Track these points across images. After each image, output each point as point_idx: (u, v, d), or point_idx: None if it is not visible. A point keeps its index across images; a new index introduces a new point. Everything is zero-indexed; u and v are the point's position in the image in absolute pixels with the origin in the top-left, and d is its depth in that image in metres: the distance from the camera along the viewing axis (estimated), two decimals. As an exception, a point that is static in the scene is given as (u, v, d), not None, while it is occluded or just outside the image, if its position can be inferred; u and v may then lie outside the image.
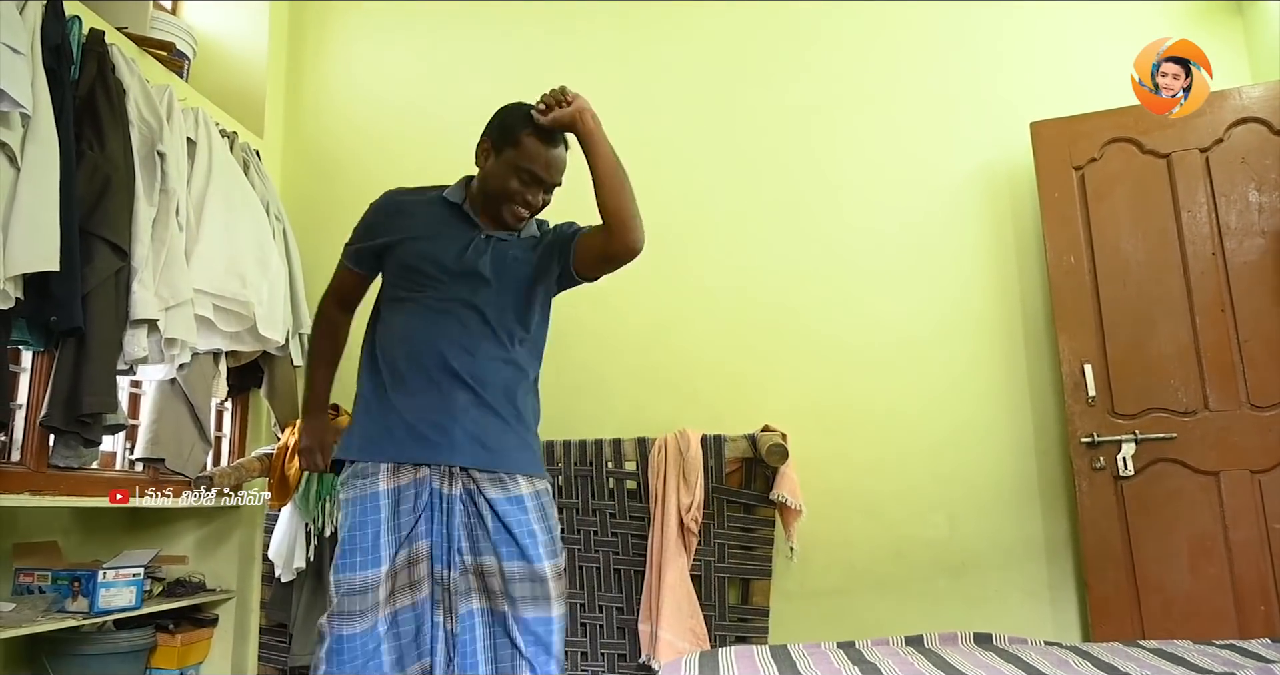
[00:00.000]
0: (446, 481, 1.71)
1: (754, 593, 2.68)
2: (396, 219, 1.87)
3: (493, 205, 1.83)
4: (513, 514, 1.72)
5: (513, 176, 1.79)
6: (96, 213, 2.22)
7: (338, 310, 2.00)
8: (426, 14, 3.49)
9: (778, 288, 3.02)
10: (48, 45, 2.17)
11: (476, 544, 1.70)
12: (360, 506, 1.70)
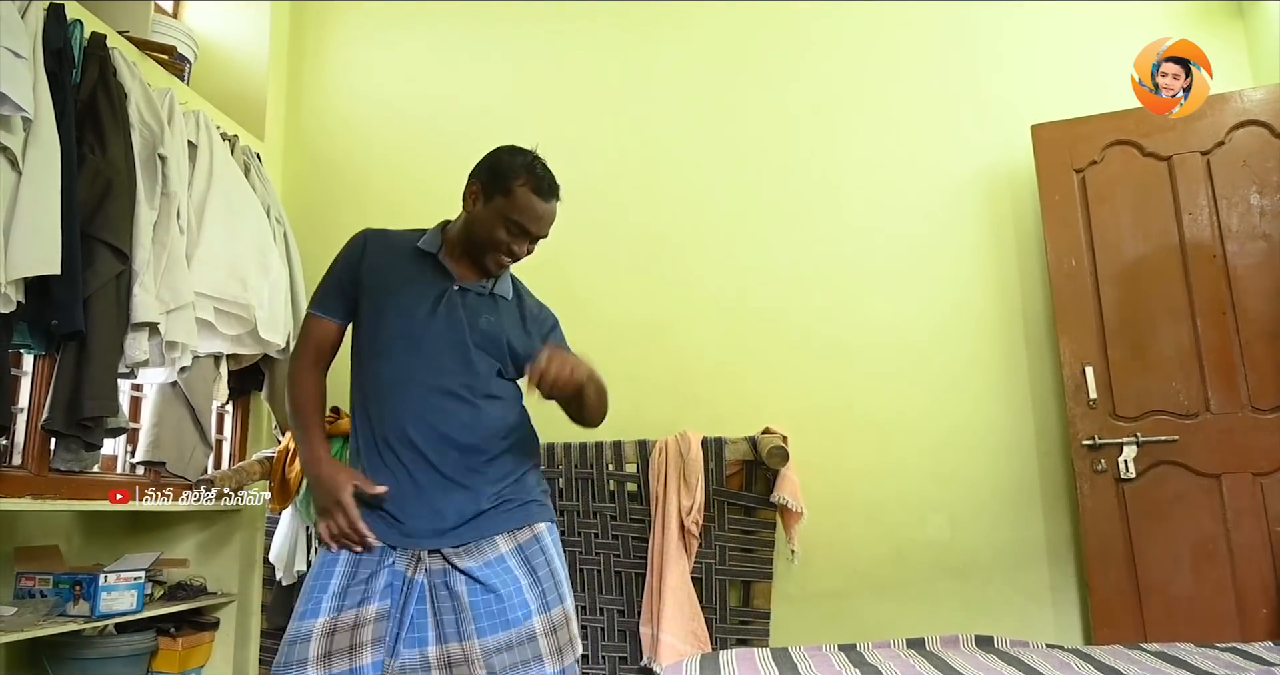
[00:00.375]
0: (411, 564, 1.63)
1: (755, 595, 2.67)
2: (371, 262, 1.77)
3: (475, 251, 1.75)
4: (492, 576, 1.64)
5: (500, 226, 1.71)
6: (98, 216, 2.22)
7: (315, 371, 1.79)
8: (427, 17, 3.50)
9: (778, 290, 3.02)
10: (49, 49, 2.18)
11: (445, 630, 1.60)
12: (320, 560, 1.65)
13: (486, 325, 1.77)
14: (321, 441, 1.73)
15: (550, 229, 1.77)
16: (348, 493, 1.63)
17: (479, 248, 1.75)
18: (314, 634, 1.56)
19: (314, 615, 1.57)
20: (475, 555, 1.66)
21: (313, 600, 1.59)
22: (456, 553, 1.65)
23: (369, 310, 1.75)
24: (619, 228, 3.16)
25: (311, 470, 1.69)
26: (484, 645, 1.59)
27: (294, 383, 1.79)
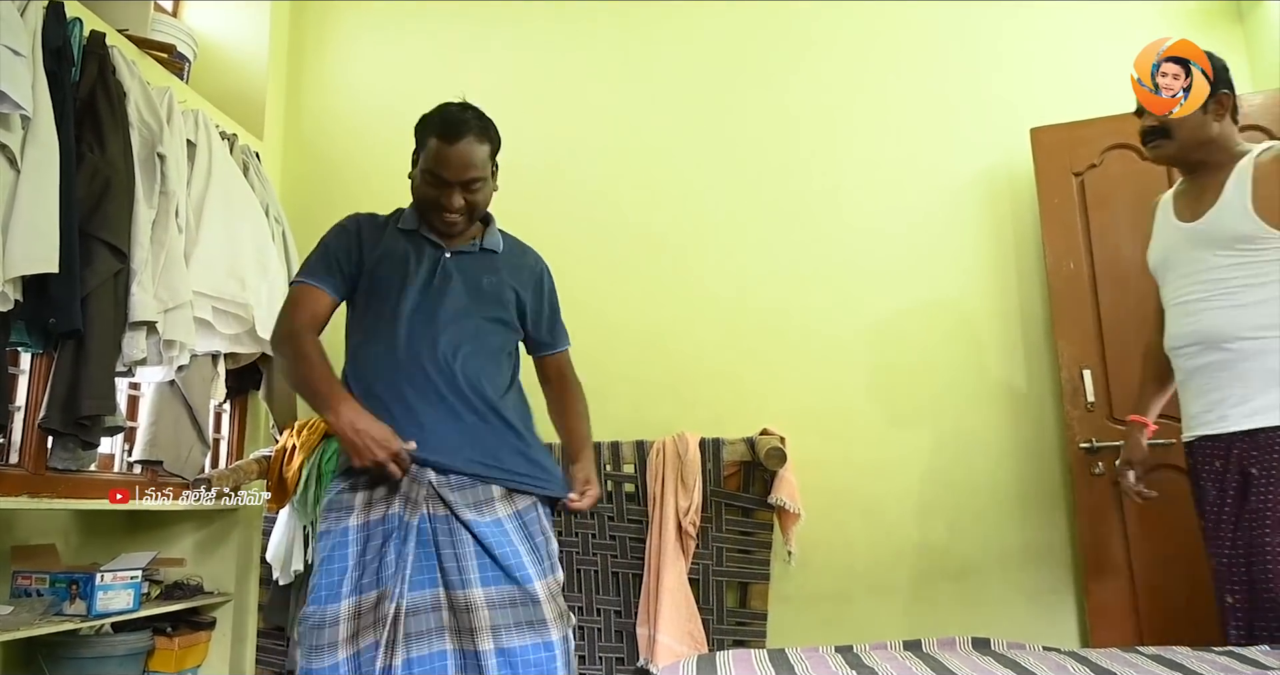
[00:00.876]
0: (412, 510, 1.64)
1: (752, 596, 2.68)
2: (370, 242, 1.81)
3: (424, 216, 1.80)
4: (492, 535, 1.66)
5: (425, 183, 1.76)
6: (96, 215, 2.22)
7: (313, 333, 1.75)
8: (427, 17, 3.50)
9: (777, 291, 3.02)
10: (48, 47, 2.18)
11: (449, 575, 1.61)
12: (331, 540, 1.64)
13: (489, 286, 1.82)
14: (348, 397, 1.66)
15: (469, 170, 1.74)
16: (398, 441, 1.61)
17: (423, 212, 1.81)
18: (340, 618, 1.58)
19: (336, 600, 1.58)
20: (478, 509, 1.68)
21: (333, 584, 1.60)
22: (462, 502, 1.66)
23: (376, 287, 1.77)
24: (618, 228, 3.16)
25: (354, 424, 1.60)
26: (486, 594, 1.61)
27: (297, 342, 1.71)
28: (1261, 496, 1.74)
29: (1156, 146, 1.97)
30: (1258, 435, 1.78)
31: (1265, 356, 1.78)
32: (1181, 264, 1.95)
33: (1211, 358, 1.86)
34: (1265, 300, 1.79)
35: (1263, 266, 1.80)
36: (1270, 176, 1.80)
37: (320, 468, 2.76)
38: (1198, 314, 1.90)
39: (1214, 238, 1.86)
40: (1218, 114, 1.92)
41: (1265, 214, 1.79)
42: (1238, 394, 1.81)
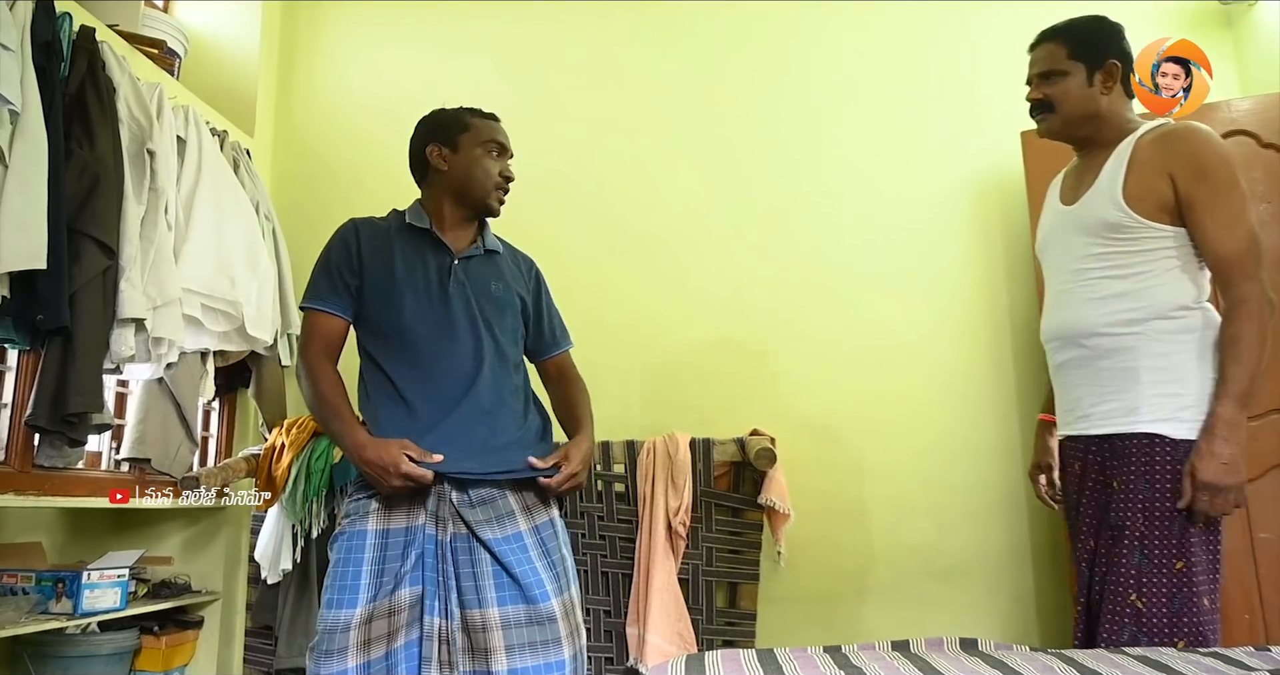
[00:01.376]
0: (441, 527, 1.65)
1: (741, 596, 2.68)
2: (370, 250, 1.79)
3: (475, 200, 1.83)
4: (510, 553, 1.66)
5: (485, 156, 1.82)
6: (85, 211, 2.20)
7: (330, 362, 1.78)
8: (420, 14, 3.49)
9: (767, 293, 3.02)
10: (37, 42, 2.16)
11: (465, 595, 1.62)
12: (347, 544, 1.64)
13: (498, 292, 1.84)
14: (357, 426, 1.70)
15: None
16: (406, 463, 1.61)
17: (478, 193, 1.83)
18: (353, 623, 1.58)
19: (351, 605, 1.58)
20: (498, 525, 1.68)
21: (347, 589, 1.60)
22: (482, 519, 1.67)
23: (382, 297, 1.76)
24: (611, 229, 3.16)
25: (361, 456, 1.64)
26: (502, 614, 1.62)
27: (313, 376, 1.75)
28: (1120, 512, 1.63)
29: (1041, 120, 1.84)
30: (1114, 442, 1.67)
31: (1122, 355, 1.66)
32: (1056, 250, 1.84)
33: (1071, 354, 1.76)
34: (1126, 294, 1.67)
35: (1129, 257, 1.67)
36: (1146, 161, 1.66)
37: (309, 466, 2.75)
38: (1061, 306, 1.79)
39: (1084, 224, 1.73)
40: (1105, 85, 1.76)
41: (1133, 202, 1.65)
42: (1094, 394, 1.71)
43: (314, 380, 1.75)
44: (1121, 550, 1.60)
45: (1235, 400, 1.57)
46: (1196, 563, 1.57)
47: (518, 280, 1.92)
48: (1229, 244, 1.61)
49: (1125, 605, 1.57)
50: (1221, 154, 1.65)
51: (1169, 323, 1.64)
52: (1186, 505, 1.55)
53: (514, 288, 1.88)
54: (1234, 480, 1.54)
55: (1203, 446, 1.56)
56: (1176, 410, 1.61)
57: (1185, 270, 1.66)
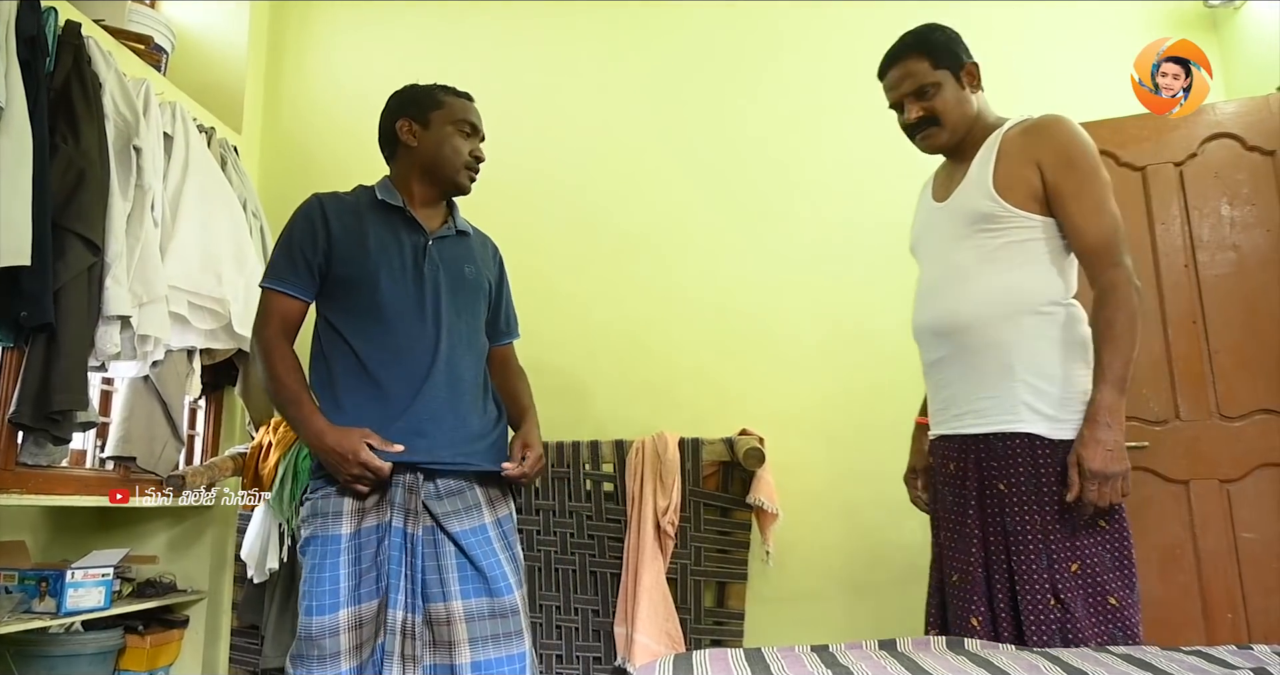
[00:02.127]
0: (410, 520, 1.64)
1: (729, 596, 2.68)
2: (339, 228, 1.75)
3: (444, 177, 1.81)
4: (476, 546, 1.67)
5: (455, 135, 1.80)
6: (70, 207, 2.19)
7: (287, 343, 1.75)
8: (408, 12, 3.48)
9: (757, 292, 3.03)
10: (22, 37, 2.15)
11: (429, 588, 1.62)
12: (322, 549, 1.62)
13: (470, 275, 1.83)
14: (316, 413, 1.67)
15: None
16: (367, 451, 1.61)
17: (447, 171, 1.81)
18: (340, 628, 1.57)
19: (334, 609, 1.57)
20: (464, 516, 1.69)
21: (328, 594, 1.58)
22: (449, 511, 1.67)
23: (353, 275, 1.73)
24: (598, 229, 3.16)
25: (320, 443, 1.62)
26: (465, 607, 1.62)
27: (271, 359, 1.71)
28: (1015, 518, 1.58)
29: (928, 137, 1.79)
30: (993, 442, 1.62)
31: (996, 350, 1.63)
32: (930, 246, 1.82)
33: (944, 351, 1.72)
34: (999, 287, 1.64)
35: (1001, 249, 1.65)
36: (1014, 152, 1.67)
37: (296, 465, 2.74)
38: (933, 300, 1.76)
39: (957, 217, 1.72)
40: (972, 86, 1.79)
41: (1004, 192, 1.64)
42: (970, 392, 1.67)
43: (271, 362, 1.70)
44: (1028, 556, 1.56)
45: (1114, 386, 1.54)
46: (1096, 563, 1.55)
47: (486, 264, 1.91)
48: (1096, 231, 1.62)
49: (1048, 611, 1.54)
50: (1086, 144, 1.66)
51: (1041, 318, 1.63)
52: (1075, 497, 1.52)
53: (483, 272, 1.87)
54: (1120, 467, 1.51)
55: (1086, 434, 1.53)
56: (1053, 409, 1.59)
57: (1055, 263, 1.65)
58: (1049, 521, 1.56)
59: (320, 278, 1.75)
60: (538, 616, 2.72)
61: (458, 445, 1.71)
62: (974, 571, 1.63)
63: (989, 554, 1.62)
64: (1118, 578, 1.56)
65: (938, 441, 1.78)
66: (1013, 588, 1.58)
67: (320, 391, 1.73)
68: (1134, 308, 1.58)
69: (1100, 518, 1.57)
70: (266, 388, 1.74)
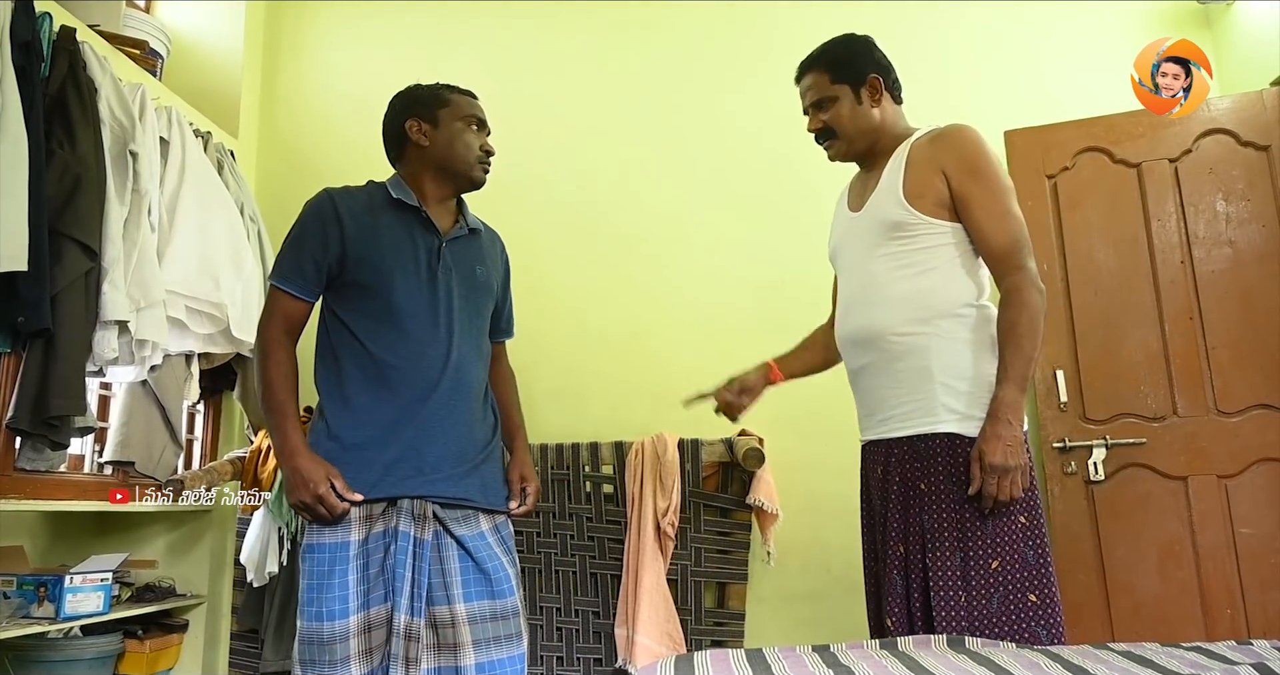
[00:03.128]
0: (419, 525, 1.64)
1: (730, 597, 2.68)
2: (352, 227, 1.72)
3: (458, 173, 1.80)
4: (481, 548, 1.68)
5: (465, 130, 1.80)
6: (66, 212, 2.19)
7: (288, 344, 1.74)
8: (403, 15, 3.48)
9: (755, 292, 3.03)
10: (17, 42, 2.15)
11: (433, 590, 1.63)
12: (330, 554, 1.62)
13: (482, 276, 1.83)
14: (297, 429, 1.67)
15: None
16: (326, 487, 1.60)
17: (461, 167, 1.80)
18: (350, 632, 1.58)
19: (344, 615, 1.58)
20: (465, 524, 1.70)
21: (337, 598, 1.59)
22: (451, 518, 1.68)
23: (367, 274, 1.71)
24: (596, 229, 3.16)
25: (289, 460, 1.63)
26: (468, 610, 1.63)
27: (269, 362, 1.70)
28: (933, 515, 1.61)
29: (828, 147, 1.89)
30: (915, 443, 1.66)
31: (915, 355, 1.67)
32: (847, 256, 1.86)
33: (867, 359, 1.76)
34: (915, 293, 1.69)
35: (913, 256, 1.70)
36: (921, 161, 1.71)
37: (295, 469, 2.73)
38: (853, 310, 1.81)
39: (871, 226, 1.76)
40: (874, 100, 1.82)
41: (913, 199, 1.69)
42: (893, 397, 1.71)
43: (267, 366, 1.70)
44: (942, 553, 1.59)
45: (1015, 384, 1.58)
46: (1016, 559, 1.58)
47: (495, 263, 1.91)
48: (1000, 236, 1.66)
49: (957, 607, 1.57)
50: (989, 152, 1.71)
51: (955, 321, 1.67)
52: (976, 490, 1.56)
53: (492, 272, 1.88)
54: (1017, 461, 1.55)
55: (987, 430, 1.57)
56: (972, 408, 1.62)
57: (965, 267, 1.70)
58: (967, 519, 1.60)
59: (330, 277, 1.74)
60: (538, 619, 2.72)
61: (466, 477, 1.71)
62: (893, 575, 1.67)
63: (908, 554, 1.65)
64: (1038, 574, 1.58)
65: (866, 447, 1.83)
66: (928, 587, 1.60)
67: (329, 388, 1.73)
68: (1035, 309, 1.62)
69: (1019, 514, 1.60)
70: (257, 387, 1.74)
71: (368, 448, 1.66)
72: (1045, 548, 1.61)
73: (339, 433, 1.68)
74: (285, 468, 1.64)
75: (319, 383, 1.74)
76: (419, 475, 1.66)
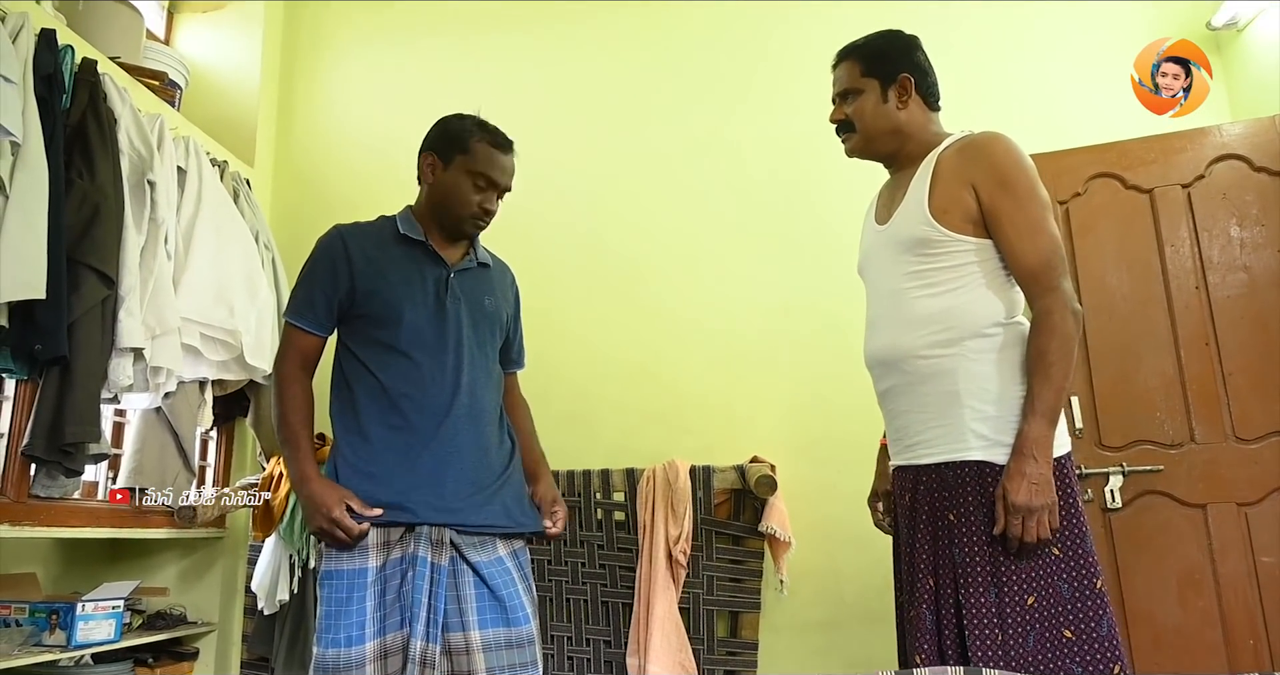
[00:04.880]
0: (436, 551, 1.65)
1: (743, 626, 2.65)
2: (361, 261, 1.75)
3: (450, 220, 1.79)
4: (497, 575, 1.68)
5: (468, 185, 1.77)
6: (84, 241, 2.21)
7: (303, 378, 1.77)
8: (418, 46, 3.54)
9: (766, 318, 3.02)
10: (40, 74, 2.19)
11: (449, 618, 1.62)
12: (348, 581, 1.62)
13: (490, 307, 1.84)
14: (310, 458, 1.69)
15: (512, 179, 1.84)
16: (340, 509, 1.61)
17: (453, 215, 1.79)
18: (366, 659, 1.57)
19: (361, 641, 1.58)
20: (481, 550, 1.70)
21: (355, 624, 1.59)
22: (468, 544, 1.68)
23: (376, 308, 1.74)
24: (606, 256, 3.17)
25: (302, 490, 1.66)
26: (483, 637, 1.62)
27: (284, 396, 1.74)
28: (965, 549, 1.52)
29: (845, 141, 1.80)
30: (943, 471, 1.57)
31: (941, 378, 1.58)
32: (874, 272, 1.77)
33: (894, 380, 1.68)
34: (940, 313, 1.59)
35: (939, 274, 1.60)
36: (949, 173, 1.61)
37: (307, 495, 2.73)
38: (879, 331, 1.72)
39: (897, 242, 1.67)
40: (901, 100, 1.72)
41: (940, 215, 1.59)
42: (919, 422, 1.62)
43: (282, 399, 1.74)
44: (976, 589, 1.50)
45: (1043, 417, 1.49)
46: (1052, 594, 1.49)
47: (505, 295, 1.92)
48: (1031, 254, 1.56)
49: (994, 646, 1.47)
50: (1022, 163, 1.60)
51: (983, 341, 1.57)
52: (1000, 531, 1.47)
53: (501, 304, 1.89)
54: (1044, 501, 1.45)
55: (1012, 467, 1.48)
56: (1001, 434, 1.53)
57: (994, 285, 1.60)
58: (999, 553, 1.50)
59: (342, 311, 1.77)
60: (549, 648, 2.69)
61: (480, 507, 1.71)
62: (921, 610, 1.56)
63: (939, 589, 1.55)
64: (1076, 609, 1.49)
65: (897, 472, 1.74)
66: (960, 624, 1.50)
67: (344, 420, 1.75)
68: (1068, 334, 1.53)
69: (1053, 545, 1.50)
70: (273, 420, 1.78)
71: (385, 477, 1.67)
72: (1085, 580, 1.51)
73: (355, 464, 1.69)
74: (300, 496, 1.67)
75: (334, 416, 1.76)
76: (438, 502, 1.67)
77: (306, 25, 3.65)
